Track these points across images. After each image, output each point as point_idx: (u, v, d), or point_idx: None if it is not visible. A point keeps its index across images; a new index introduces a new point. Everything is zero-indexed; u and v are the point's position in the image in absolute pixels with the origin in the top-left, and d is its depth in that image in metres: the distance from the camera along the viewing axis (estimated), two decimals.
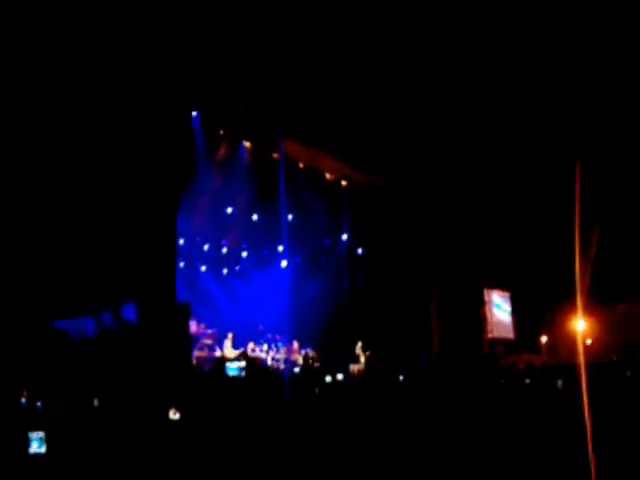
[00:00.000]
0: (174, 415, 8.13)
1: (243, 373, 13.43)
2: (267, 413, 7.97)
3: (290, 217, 18.85)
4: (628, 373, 12.47)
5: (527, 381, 11.45)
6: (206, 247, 18.84)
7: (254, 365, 14.24)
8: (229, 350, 15.92)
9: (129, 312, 10.68)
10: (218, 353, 15.63)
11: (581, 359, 5.38)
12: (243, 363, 13.88)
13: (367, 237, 19.93)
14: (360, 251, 20.33)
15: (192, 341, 13.97)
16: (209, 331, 16.25)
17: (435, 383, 11.18)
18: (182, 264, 17.67)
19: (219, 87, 13.15)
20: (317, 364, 17.31)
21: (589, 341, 16.95)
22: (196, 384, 10.23)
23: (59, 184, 10.77)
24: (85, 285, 10.57)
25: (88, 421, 7.58)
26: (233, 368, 13.61)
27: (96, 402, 8.01)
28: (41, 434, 6.78)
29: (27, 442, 6.74)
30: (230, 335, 16.37)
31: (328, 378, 12.90)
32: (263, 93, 13.88)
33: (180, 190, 12.52)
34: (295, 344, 17.93)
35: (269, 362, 16.81)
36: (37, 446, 6.76)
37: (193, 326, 14.99)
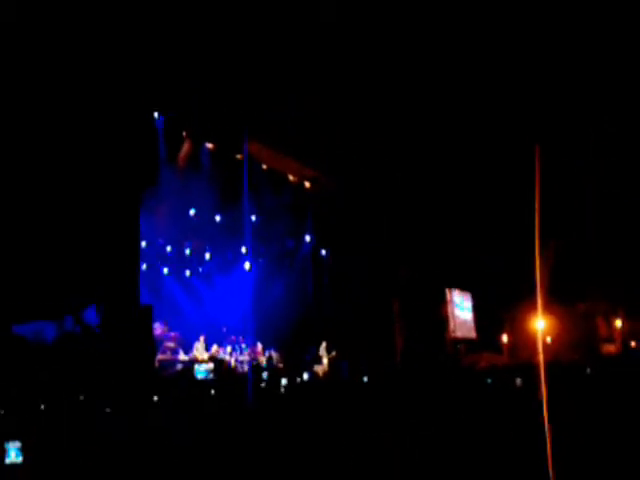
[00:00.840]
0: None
1: (211, 375, 13.40)
2: (231, 415, 7.95)
3: (253, 218, 18.82)
4: (587, 371, 12.75)
5: (489, 380, 11.60)
6: (169, 249, 18.70)
7: (222, 368, 14.20)
8: (200, 352, 15.88)
9: (91, 315, 10.54)
10: (181, 356, 15.53)
11: (540, 358, 5.47)
12: (211, 365, 13.85)
13: (331, 238, 19.99)
14: (324, 252, 20.39)
15: (156, 344, 13.88)
16: (172, 334, 16.16)
17: (399, 383, 11.27)
18: (144, 266, 17.51)
19: (181, 88, 13.06)
20: (281, 365, 17.31)
21: (549, 340, 17.27)
22: (161, 387, 10.14)
23: (17, 185, 10.58)
24: (45, 289, 10.39)
25: (58, 427, 7.46)
26: (201, 371, 13.56)
27: (63, 406, 7.90)
28: (18, 444, 6.65)
29: (3, 453, 6.61)
30: (202, 338, 16.37)
31: (284, 381, 12.92)
32: (226, 94, 13.82)
33: (142, 191, 12.40)
34: (259, 346, 17.91)
35: (232, 364, 16.76)
36: (15, 455, 6.63)
37: (157, 329, 14.89)
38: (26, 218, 10.55)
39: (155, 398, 8.65)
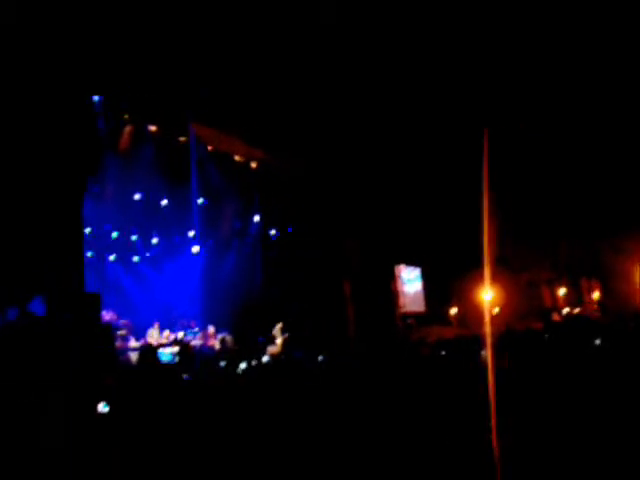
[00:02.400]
0: (103, 409, 7.94)
1: (176, 359, 13.26)
2: (196, 400, 7.90)
3: (200, 201, 18.61)
4: (533, 339, 13.08)
5: (442, 352, 11.81)
6: (114, 235, 18.37)
7: (187, 351, 14.03)
8: (155, 339, 15.74)
9: (37, 306, 10.29)
10: (132, 343, 15.34)
11: (488, 328, 5.58)
12: (176, 349, 13.69)
13: (279, 218, 19.95)
14: (273, 232, 20.34)
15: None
16: (122, 321, 15.93)
17: (352, 361, 11.37)
18: (90, 254, 17.19)
19: (121, 69, 12.74)
20: (235, 348, 17.26)
21: (497, 310, 17.63)
22: (122, 374, 10.01)
23: None
24: None
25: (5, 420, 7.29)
26: (166, 354, 13.40)
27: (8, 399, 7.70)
28: None
29: None
30: (156, 324, 16.25)
31: (243, 365, 12.87)
32: (167, 75, 13.57)
33: (84, 177, 12.11)
34: (211, 329, 17.81)
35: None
36: None
37: (106, 316, 14.65)
38: None
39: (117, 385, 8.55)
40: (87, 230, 16.04)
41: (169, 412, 7.33)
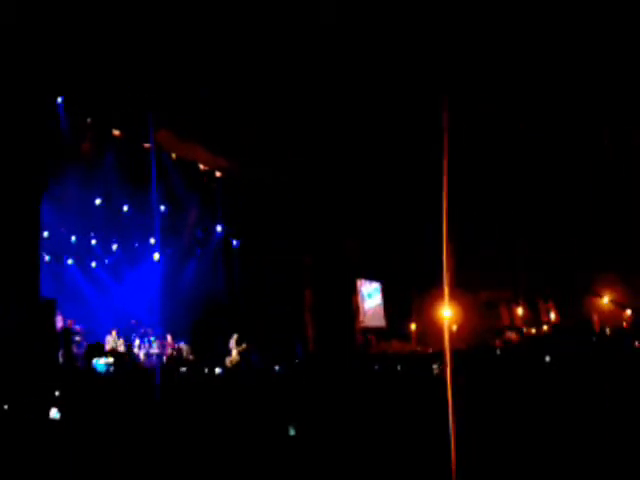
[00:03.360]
0: (54, 414, 7.76)
1: (111, 369, 12.97)
2: (139, 410, 7.76)
3: (162, 208, 18.43)
4: (494, 356, 13.25)
5: (399, 367, 11.85)
6: (73, 239, 18.09)
7: (123, 361, 13.79)
8: (111, 346, 15.54)
9: None
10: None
11: (446, 345, 5.62)
12: (111, 359, 13.37)
13: (242, 229, 19.85)
14: (235, 243, 20.23)
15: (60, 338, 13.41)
16: (77, 327, 15.64)
17: (310, 372, 11.34)
18: (47, 258, 16.89)
19: (85, 72, 12.55)
20: (191, 357, 17.10)
21: (455, 327, 17.78)
22: (67, 382, 9.78)
23: None
24: None
25: None
26: (101, 364, 13.09)
27: None
28: None
29: None
30: (114, 332, 16.03)
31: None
32: (132, 78, 13.42)
33: (42, 179, 11.88)
34: (169, 338, 17.61)
35: (142, 357, 16.44)
36: None
37: (60, 322, 14.37)
38: None
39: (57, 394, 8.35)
40: (45, 234, 15.77)
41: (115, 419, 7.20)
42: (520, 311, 25.28)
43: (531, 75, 15.43)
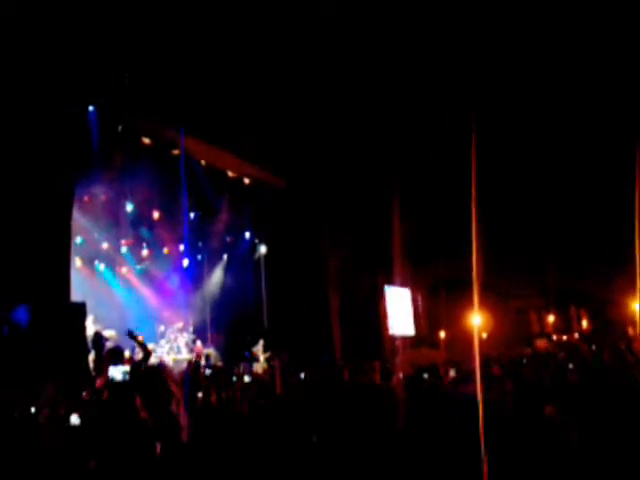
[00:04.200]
0: (76, 420, 7.80)
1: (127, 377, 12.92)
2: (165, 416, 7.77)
3: (192, 215, 18.57)
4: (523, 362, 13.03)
5: (425, 375, 11.71)
6: (105, 245, 18.27)
7: (139, 369, 13.63)
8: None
9: (20, 315, 10.17)
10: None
11: (476, 352, 5.54)
12: (127, 367, 13.29)
13: (270, 235, 19.90)
14: (263, 249, 20.28)
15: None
16: (107, 332, 15.76)
17: (338, 380, 11.26)
18: (79, 263, 17.08)
19: (115, 81, 12.71)
20: (219, 364, 17.14)
21: (485, 335, 17.61)
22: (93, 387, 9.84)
23: None
24: None
25: None
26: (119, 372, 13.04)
27: None
28: None
29: None
30: (141, 338, 16.07)
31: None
32: (162, 88, 13.55)
33: (74, 186, 12.03)
34: (198, 344, 17.70)
35: (171, 364, 16.51)
36: None
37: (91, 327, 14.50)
38: None
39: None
40: (78, 239, 15.97)
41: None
42: (551, 318, 24.97)
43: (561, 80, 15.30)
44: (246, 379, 12.80)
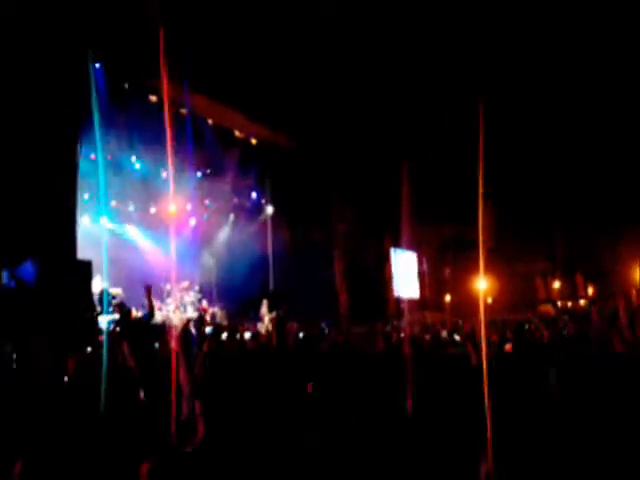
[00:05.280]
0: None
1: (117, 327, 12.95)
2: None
3: (199, 174, 18.53)
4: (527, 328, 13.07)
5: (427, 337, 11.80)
6: (113, 203, 18.27)
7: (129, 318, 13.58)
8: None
9: (26, 271, 10.22)
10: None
11: (481, 317, 5.54)
12: (116, 316, 13.27)
13: (276, 196, 19.85)
14: (270, 210, 20.25)
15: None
16: (113, 290, 15.86)
17: (340, 342, 11.32)
18: (86, 220, 17.10)
19: (123, 38, 12.56)
20: (225, 323, 17.24)
21: (490, 300, 17.64)
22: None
23: None
24: None
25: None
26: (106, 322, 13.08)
27: None
28: None
29: None
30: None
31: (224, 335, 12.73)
32: (169, 45, 13.36)
33: (79, 142, 11.97)
34: (204, 303, 17.80)
35: (175, 321, 16.60)
36: None
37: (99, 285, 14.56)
38: None
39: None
40: (85, 196, 15.96)
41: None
42: (557, 284, 24.98)
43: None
44: (247, 336, 12.90)
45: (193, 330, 14.89)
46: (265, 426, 6.46)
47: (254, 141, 18.66)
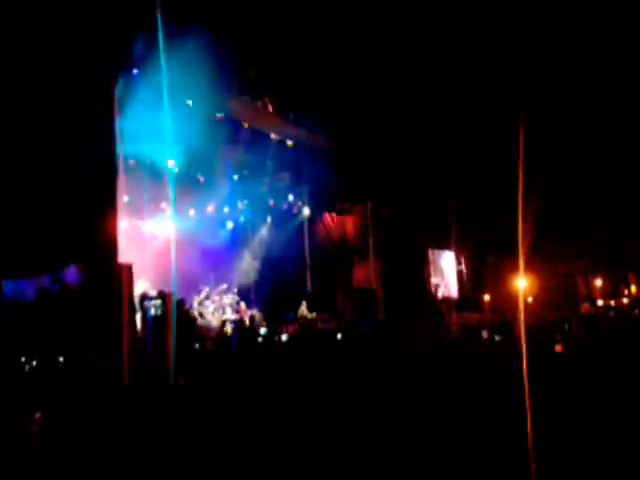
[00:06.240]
0: None
1: (159, 312, 13.25)
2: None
3: (235, 177, 18.65)
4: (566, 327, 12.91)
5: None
6: (152, 206, 18.47)
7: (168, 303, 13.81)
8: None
9: (70, 275, 10.44)
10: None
11: (521, 316, 5.48)
12: (159, 301, 13.62)
13: (312, 198, 19.87)
14: (306, 211, 20.28)
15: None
16: (154, 291, 16.03)
17: (376, 341, 11.31)
18: (126, 224, 17.33)
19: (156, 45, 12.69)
20: (263, 325, 17.33)
21: (530, 300, 17.42)
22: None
23: None
24: (24, 248, 10.27)
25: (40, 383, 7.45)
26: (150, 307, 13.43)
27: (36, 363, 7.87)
28: None
29: None
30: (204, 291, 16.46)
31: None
32: (208, 50, 13.52)
33: (118, 145, 12.14)
34: (242, 305, 17.91)
35: (214, 324, 16.76)
36: None
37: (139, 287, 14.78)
38: (3, 181, 10.34)
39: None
40: (125, 198, 16.18)
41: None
42: (598, 282, 24.55)
43: None
44: (283, 338, 12.99)
45: (229, 331, 15.10)
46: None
47: (290, 143, 18.68)
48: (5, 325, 9.10)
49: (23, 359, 7.83)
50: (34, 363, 7.88)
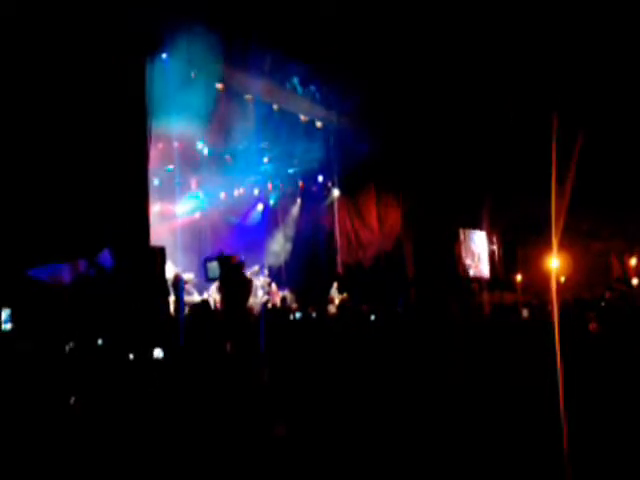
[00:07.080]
0: (158, 354, 8.21)
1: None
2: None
3: (265, 160, 18.70)
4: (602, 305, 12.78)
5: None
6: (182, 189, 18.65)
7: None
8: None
9: (105, 259, 10.61)
10: (194, 297, 15.63)
11: (554, 296, 5.44)
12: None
13: (342, 178, 19.83)
14: (336, 192, 20.27)
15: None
16: (186, 275, 16.22)
17: (409, 322, 11.32)
18: (158, 207, 17.52)
19: (192, 27, 12.76)
20: (294, 306, 17.43)
21: (562, 279, 17.22)
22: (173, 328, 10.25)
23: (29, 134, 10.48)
24: (59, 232, 10.44)
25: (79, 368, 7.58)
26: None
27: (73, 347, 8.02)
28: None
29: None
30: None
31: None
32: (234, 33, 13.54)
33: (149, 131, 12.23)
34: (273, 286, 18.02)
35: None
36: None
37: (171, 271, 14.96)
38: (38, 165, 10.49)
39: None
40: (156, 181, 16.34)
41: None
42: (633, 262, 24.15)
43: None
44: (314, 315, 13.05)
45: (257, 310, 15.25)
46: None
47: (319, 124, 18.63)
48: (44, 310, 9.30)
49: (62, 343, 7.98)
50: (72, 346, 8.02)
